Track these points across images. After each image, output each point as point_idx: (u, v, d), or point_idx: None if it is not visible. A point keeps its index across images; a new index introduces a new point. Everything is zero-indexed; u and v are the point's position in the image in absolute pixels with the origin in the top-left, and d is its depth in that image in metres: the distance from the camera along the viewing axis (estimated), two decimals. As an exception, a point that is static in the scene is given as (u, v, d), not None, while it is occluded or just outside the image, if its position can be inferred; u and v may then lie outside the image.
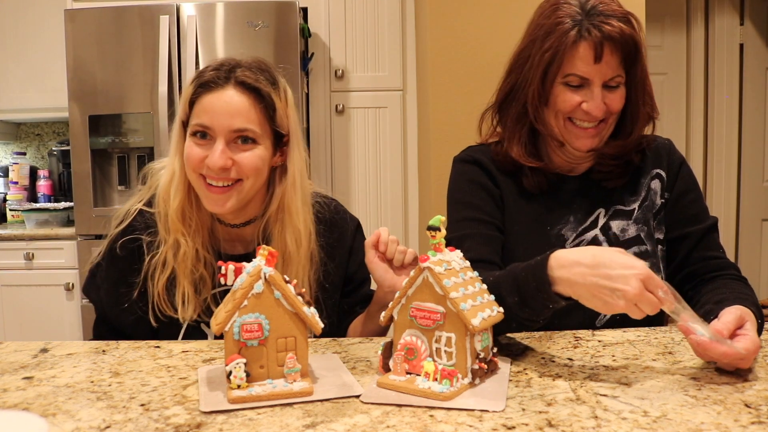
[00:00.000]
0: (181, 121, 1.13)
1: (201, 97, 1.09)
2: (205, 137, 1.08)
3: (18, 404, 0.77)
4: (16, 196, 3.19)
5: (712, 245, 1.18)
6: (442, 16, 2.46)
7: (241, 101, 1.08)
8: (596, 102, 1.08)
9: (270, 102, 1.10)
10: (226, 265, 0.81)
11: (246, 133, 1.08)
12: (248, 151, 1.09)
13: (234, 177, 1.09)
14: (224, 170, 1.07)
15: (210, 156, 1.06)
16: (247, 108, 1.08)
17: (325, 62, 2.96)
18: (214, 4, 2.60)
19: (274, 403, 0.75)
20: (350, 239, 1.27)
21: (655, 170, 1.21)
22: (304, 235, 1.15)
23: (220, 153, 1.06)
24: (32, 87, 3.03)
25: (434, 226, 0.82)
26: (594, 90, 1.08)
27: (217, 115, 1.07)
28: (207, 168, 1.07)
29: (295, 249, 1.14)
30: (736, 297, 1.00)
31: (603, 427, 0.67)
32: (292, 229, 1.14)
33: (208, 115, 1.07)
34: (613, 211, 1.19)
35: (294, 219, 1.14)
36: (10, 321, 2.82)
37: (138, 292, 1.14)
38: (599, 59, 1.06)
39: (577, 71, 1.08)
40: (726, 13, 3.53)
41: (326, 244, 1.21)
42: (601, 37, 1.05)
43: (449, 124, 2.45)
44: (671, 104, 3.59)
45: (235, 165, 1.08)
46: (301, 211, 1.15)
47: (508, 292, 0.92)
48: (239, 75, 1.08)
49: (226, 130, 1.07)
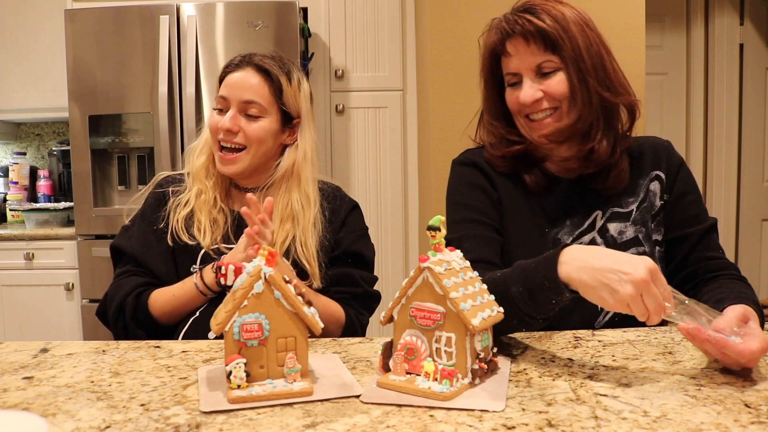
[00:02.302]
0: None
1: (226, 77, 1.32)
2: (222, 110, 1.31)
3: (18, 404, 0.77)
4: (16, 196, 3.19)
5: (712, 246, 1.18)
6: (442, 16, 2.46)
7: (254, 78, 1.30)
8: (524, 90, 1.13)
9: (278, 83, 1.31)
10: (226, 265, 0.82)
11: (253, 104, 1.29)
12: (255, 122, 1.30)
13: (240, 142, 1.29)
14: (232, 133, 1.29)
15: (222, 120, 1.29)
16: (258, 85, 1.30)
17: (325, 62, 2.96)
18: (214, 4, 2.60)
19: (274, 403, 0.75)
20: (345, 213, 1.39)
21: (654, 172, 1.21)
22: (312, 200, 1.32)
23: (230, 118, 1.29)
24: (32, 87, 3.03)
25: (434, 226, 0.82)
26: (524, 81, 1.13)
27: (233, 88, 1.30)
28: (219, 130, 1.28)
29: (301, 209, 1.30)
30: (736, 296, 1.00)
31: (603, 427, 0.67)
32: (299, 192, 1.31)
33: (226, 89, 1.31)
34: (610, 214, 1.19)
35: (303, 184, 1.32)
36: (10, 321, 2.82)
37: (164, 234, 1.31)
38: (513, 51, 1.13)
39: (507, 69, 1.15)
40: (726, 13, 3.53)
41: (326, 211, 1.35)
42: (510, 32, 1.13)
43: (449, 124, 2.46)
44: (671, 104, 3.60)
45: (242, 131, 1.29)
46: (310, 181, 1.34)
47: (514, 282, 0.92)
48: (256, 59, 1.32)
49: (237, 100, 1.29)
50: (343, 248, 1.35)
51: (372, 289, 1.39)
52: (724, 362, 0.83)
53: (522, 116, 1.16)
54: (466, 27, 2.43)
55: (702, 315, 0.84)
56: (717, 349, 0.81)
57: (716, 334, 0.80)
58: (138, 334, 1.25)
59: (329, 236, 1.33)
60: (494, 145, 1.24)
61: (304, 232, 1.28)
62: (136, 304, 1.25)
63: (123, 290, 1.27)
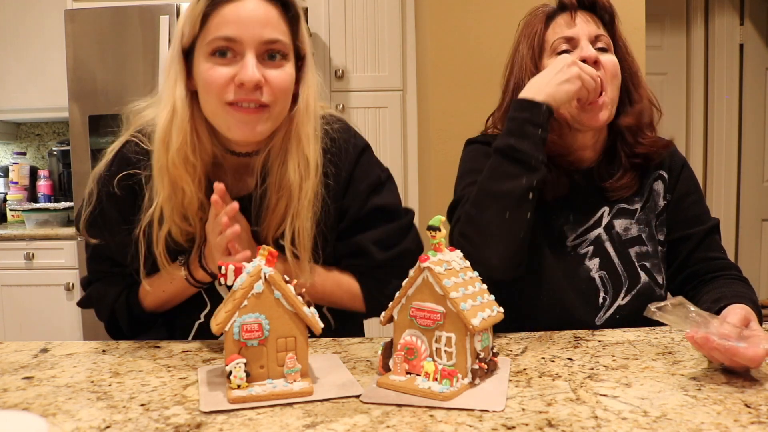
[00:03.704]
0: (183, 48, 0.99)
1: (218, 10, 0.95)
2: (225, 55, 0.95)
3: (18, 404, 0.77)
4: (16, 196, 3.19)
5: (713, 246, 1.18)
6: (442, 16, 2.46)
7: (269, 10, 0.96)
8: (587, 50, 1.11)
9: (296, 13, 0.99)
10: (226, 265, 0.81)
11: (277, 45, 0.96)
12: (279, 68, 0.97)
13: (267, 100, 0.96)
14: (257, 88, 0.95)
15: (242, 71, 0.93)
16: (277, 18, 0.97)
17: (325, 62, 2.96)
18: (214, 4, 2.60)
19: (274, 403, 0.75)
20: (350, 167, 1.10)
21: (658, 171, 1.21)
22: (312, 166, 1.03)
23: (254, 66, 0.93)
24: (32, 87, 3.03)
25: (434, 226, 0.82)
26: (582, 43, 1.13)
27: (245, 24, 0.94)
28: (237, 88, 0.94)
29: (298, 181, 1.01)
30: (734, 295, 1.01)
31: (603, 427, 0.67)
32: (298, 158, 1.02)
33: (232, 26, 0.93)
34: (617, 209, 1.19)
35: (303, 146, 1.02)
36: (10, 321, 2.82)
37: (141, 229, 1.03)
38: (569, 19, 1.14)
39: (562, 34, 1.14)
40: (726, 13, 3.53)
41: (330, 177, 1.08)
42: (576, 4, 1.15)
43: (449, 124, 2.45)
44: (671, 104, 3.59)
45: (267, 84, 0.95)
46: (311, 140, 1.03)
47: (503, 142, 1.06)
48: None
49: (256, 41, 0.94)
50: (352, 216, 1.10)
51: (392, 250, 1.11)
52: (731, 366, 0.83)
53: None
54: (466, 27, 2.43)
55: (709, 322, 0.83)
56: (726, 356, 0.80)
57: (725, 341, 0.80)
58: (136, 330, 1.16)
59: (333, 207, 1.08)
60: None
61: (298, 215, 1.02)
62: (128, 306, 1.13)
63: (109, 296, 1.13)
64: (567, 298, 1.14)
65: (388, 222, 1.12)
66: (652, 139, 1.17)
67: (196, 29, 0.97)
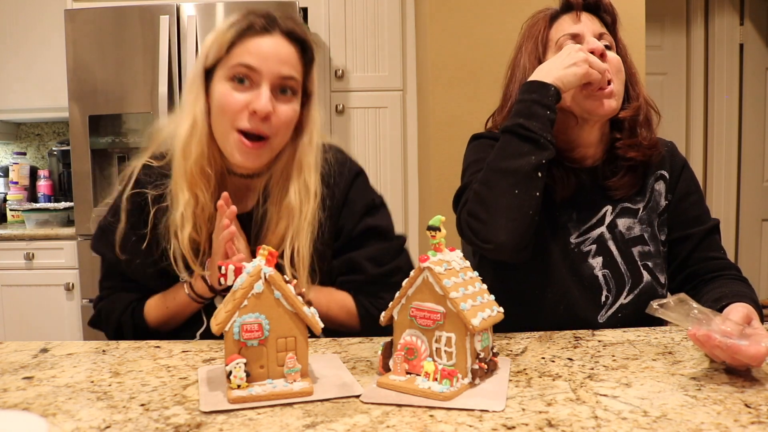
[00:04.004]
0: (205, 68, 1.08)
1: (245, 40, 1.04)
2: (243, 82, 1.04)
3: (18, 404, 0.77)
4: (16, 196, 3.19)
5: (714, 246, 1.18)
6: (442, 16, 2.46)
7: (290, 50, 1.06)
8: (593, 42, 1.12)
9: (312, 56, 1.09)
10: (226, 264, 0.81)
11: (290, 81, 1.05)
12: (288, 103, 1.06)
13: (270, 131, 1.04)
14: (266, 119, 1.03)
15: (256, 101, 1.02)
16: (296, 58, 1.07)
17: (325, 62, 2.96)
18: (214, 4, 2.60)
19: (274, 403, 0.75)
20: (345, 189, 1.17)
21: (659, 171, 1.21)
22: (312, 192, 1.10)
23: (267, 98, 1.02)
24: (32, 87, 3.03)
25: (434, 226, 0.82)
26: (587, 38, 1.14)
27: (266, 58, 1.03)
28: (250, 115, 1.03)
29: (298, 204, 1.09)
30: (735, 294, 1.01)
31: (603, 427, 0.67)
32: (299, 184, 1.10)
33: (256, 57, 1.03)
34: (620, 209, 1.19)
35: (305, 175, 1.10)
36: (10, 321, 2.82)
37: (147, 244, 1.11)
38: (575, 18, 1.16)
39: (567, 31, 1.15)
40: (726, 13, 3.53)
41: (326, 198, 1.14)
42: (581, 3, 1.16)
43: (449, 124, 2.46)
44: (671, 104, 3.60)
45: (274, 115, 1.04)
46: (312, 169, 1.11)
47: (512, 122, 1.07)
48: (284, 24, 1.06)
49: (274, 75, 1.03)
50: (346, 235, 1.16)
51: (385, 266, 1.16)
52: (732, 365, 0.83)
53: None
54: (466, 27, 2.43)
55: (711, 319, 0.82)
56: (727, 354, 0.80)
57: (727, 339, 0.79)
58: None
59: (329, 225, 1.14)
60: None
61: (298, 235, 1.09)
62: (133, 321, 1.16)
63: (117, 309, 1.17)
64: (571, 295, 1.14)
65: (381, 242, 1.18)
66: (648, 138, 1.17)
67: (222, 53, 1.05)
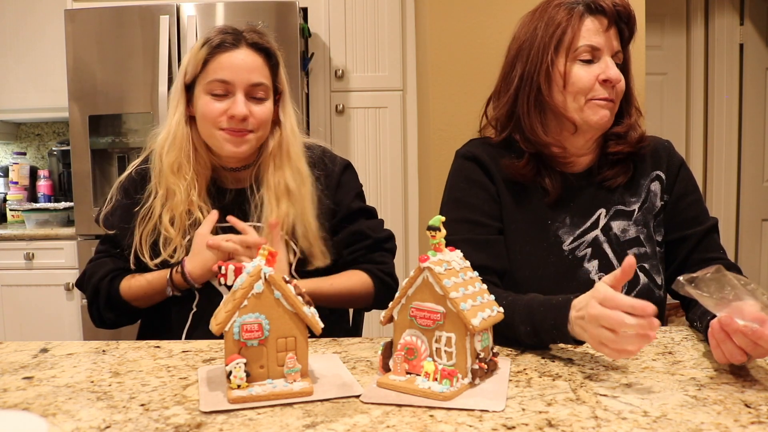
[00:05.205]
0: (185, 83, 1.26)
1: (216, 57, 1.21)
2: (220, 95, 1.22)
3: (18, 404, 0.77)
4: (16, 196, 3.19)
5: (712, 247, 1.18)
6: (442, 16, 2.46)
7: (255, 59, 1.23)
8: (612, 68, 1.10)
9: (276, 61, 1.27)
10: (226, 264, 0.82)
11: (261, 87, 1.23)
12: (261, 104, 1.24)
13: (251, 129, 1.23)
14: (244, 120, 1.21)
15: (233, 107, 1.20)
16: (261, 65, 1.24)
17: (325, 62, 2.96)
18: (214, 4, 2.60)
19: (274, 403, 0.75)
20: (338, 174, 1.36)
21: (655, 172, 1.21)
22: (305, 175, 1.28)
23: (243, 103, 1.21)
24: (32, 87, 3.03)
25: (434, 226, 0.82)
26: (606, 59, 1.11)
27: (237, 70, 1.21)
28: (229, 119, 1.21)
29: (296, 187, 1.26)
30: None
31: (603, 427, 0.67)
32: (292, 169, 1.27)
33: (228, 71, 1.21)
34: (614, 212, 1.19)
35: (295, 161, 1.28)
36: (10, 321, 2.82)
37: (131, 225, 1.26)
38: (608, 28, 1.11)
39: (589, 42, 1.10)
40: (726, 13, 3.53)
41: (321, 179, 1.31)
42: (613, 8, 1.11)
43: (449, 124, 2.45)
44: (671, 104, 3.59)
45: (252, 116, 1.22)
46: (300, 155, 1.30)
47: (522, 321, 0.97)
48: (248, 37, 1.24)
49: (245, 83, 1.21)
50: (345, 209, 1.33)
51: (382, 233, 1.37)
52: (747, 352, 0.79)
53: (584, 95, 1.11)
54: (466, 27, 2.43)
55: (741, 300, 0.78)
56: (748, 340, 0.77)
57: (752, 324, 0.75)
58: (109, 316, 1.29)
59: (328, 202, 1.31)
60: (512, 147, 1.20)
61: (304, 212, 1.25)
62: (109, 288, 1.26)
63: (99, 273, 1.28)
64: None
65: (370, 220, 1.39)
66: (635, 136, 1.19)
67: (198, 69, 1.23)
